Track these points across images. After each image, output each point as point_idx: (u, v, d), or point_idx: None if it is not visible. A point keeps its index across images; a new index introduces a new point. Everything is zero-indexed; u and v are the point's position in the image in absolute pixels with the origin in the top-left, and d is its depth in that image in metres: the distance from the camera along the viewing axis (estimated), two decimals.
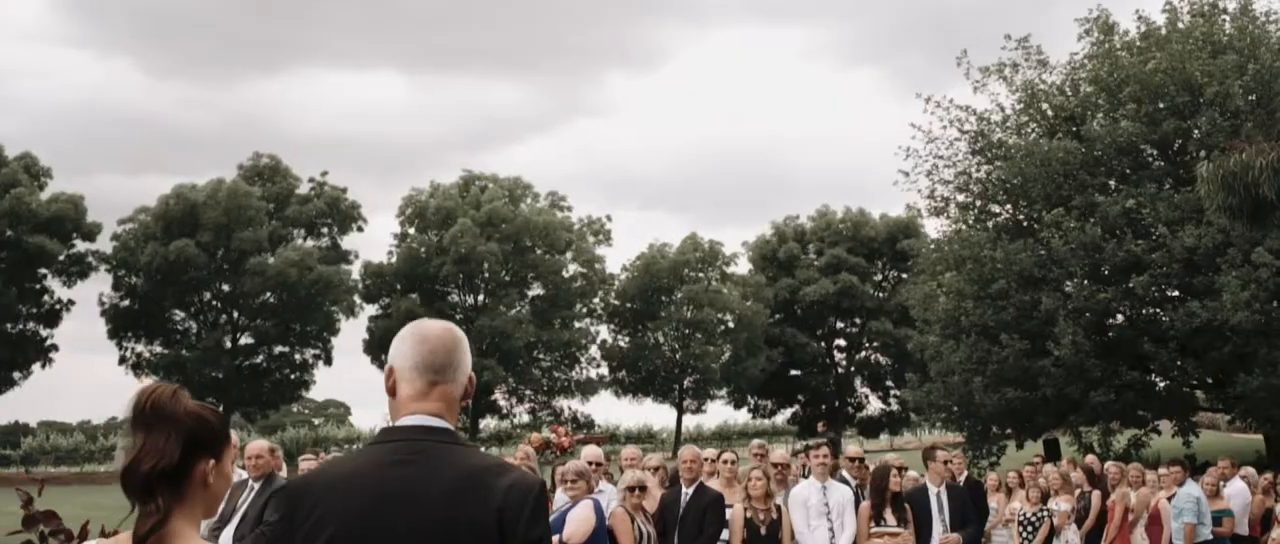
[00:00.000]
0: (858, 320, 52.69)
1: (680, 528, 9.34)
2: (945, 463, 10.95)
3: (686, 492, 9.58)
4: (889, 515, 10.23)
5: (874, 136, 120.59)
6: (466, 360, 2.91)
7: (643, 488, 9.30)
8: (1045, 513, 14.27)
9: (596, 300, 51.76)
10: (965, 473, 13.75)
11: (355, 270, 49.48)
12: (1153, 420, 26.04)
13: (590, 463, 9.67)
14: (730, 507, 9.77)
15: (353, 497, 2.69)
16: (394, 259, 49.72)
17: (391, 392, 2.86)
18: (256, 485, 9.39)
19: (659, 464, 11.00)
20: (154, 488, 2.47)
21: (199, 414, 2.55)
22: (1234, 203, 12.03)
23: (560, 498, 8.68)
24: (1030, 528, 13.97)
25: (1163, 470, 15.01)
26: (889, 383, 53.94)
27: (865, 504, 10.30)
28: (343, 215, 49.10)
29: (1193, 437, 25.50)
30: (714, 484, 9.96)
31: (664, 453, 11.67)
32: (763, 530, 9.74)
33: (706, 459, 10.34)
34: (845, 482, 10.76)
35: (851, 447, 12.15)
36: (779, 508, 10.02)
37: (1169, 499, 14.43)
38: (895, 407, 53.94)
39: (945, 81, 79.26)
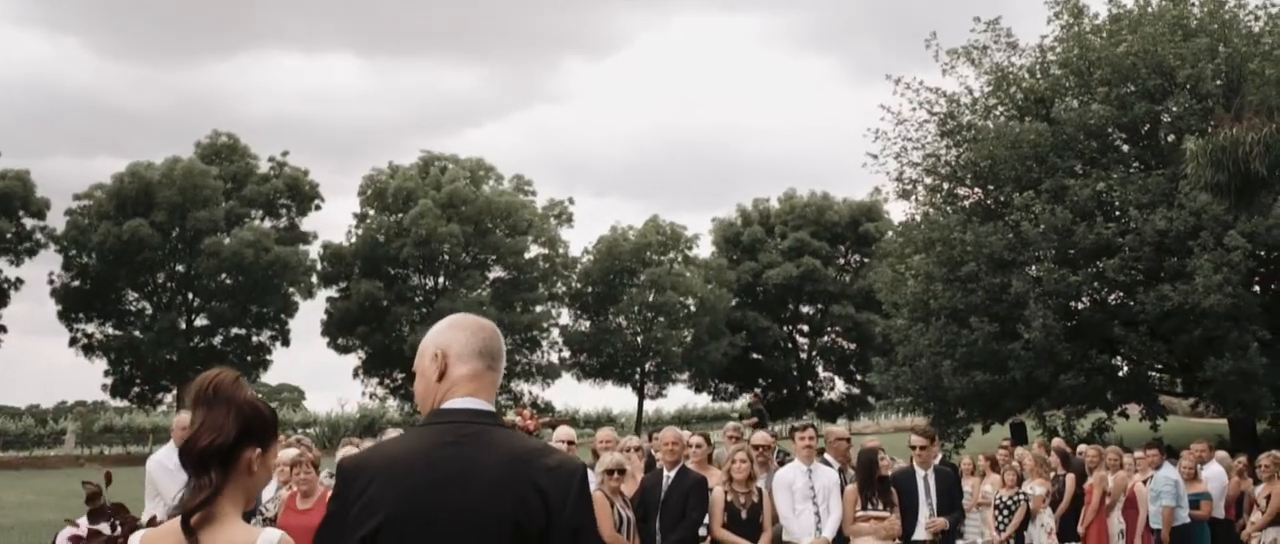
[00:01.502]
0: (820, 304, 52.54)
1: (662, 512, 9.01)
2: (922, 448, 10.67)
3: (668, 475, 9.25)
4: (876, 498, 9.94)
5: (832, 123, 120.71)
6: (503, 350, 3.06)
7: (621, 471, 8.99)
8: (1021, 496, 14.11)
9: (558, 284, 51.34)
10: (938, 457, 13.55)
11: (313, 251, 48.77)
12: (1120, 404, 25.99)
13: (564, 443, 9.33)
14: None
15: (405, 477, 2.78)
16: (353, 241, 49.04)
17: (439, 376, 2.94)
18: None
19: (638, 445, 10.65)
20: (208, 463, 2.66)
21: (254, 403, 2.74)
22: (1222, 180, 11.84)
23: None
24: (1005, 512, 13.80)
25: (1139, 454, 14.89)
26: (851, 367, 53.97)
27: (851, 487, 10.01)
28: (303, 196, 48.34)
29: (1161, 420, 25.52)
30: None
31: (641, 435, 11.32)
32: (744, 514, 9.43)
33: (694, 443, 10.01)
34: (828, 464, 10.46)
35: (837, 427, 11.81)
36: (760, 491, 9.71)
37: (1145, 482, 14.33)
38: (856, 390, 54.06)
39: (905, 68, 79.46)
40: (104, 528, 3.20)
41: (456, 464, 2.78)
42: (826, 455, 10.60)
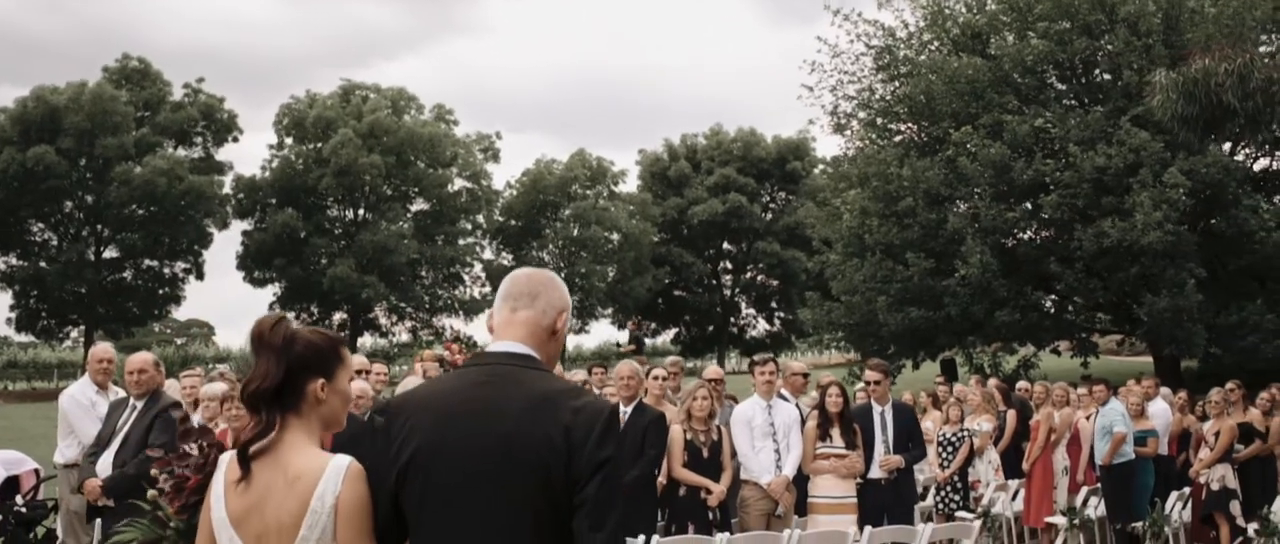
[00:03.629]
0: (745, 241, 52.38)
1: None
2: (876, 383, 10.34)
3: (625, 411, 8.78)
4: (837, 435, 9.58)
5: (757, 62, 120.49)
6: (553, 293, 3.11)
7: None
8: (964, 433, 13.92)
9: (481, 217, 50.54)
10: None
11: (228, 183, 47.24)
12: (1053, 341, 26.09)
13: None
14: None
15: (438, 414, 2.93)
16: (269, 172, 47.67)
17: (491, 329, 3.12)
18: (139, 404, 8.24)
19: (583, 381, 10.17)
20: (258, 404, 2.88)
21: (306, 339, 2.93)
22: (1193, 112, 11.60)
23: None
24: (949, 448, 13.58)
25: (1082, 390, 14.77)
26: (774, 304, 54.02)
27: (811, 424, 9.63)
28: (219, 125, 46.67)
29: (1093, 357, 25.66)
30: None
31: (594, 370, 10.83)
32: (705, 453, 9.03)
33: (659, 376, 9.55)
34: (786, 399, 10.06)
35: (796, 362, 11.42)
36: (720, 429, 9.30)
37: (1088, 418, 14.22)
38: (778, 328, 54.18)
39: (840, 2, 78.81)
40: (192, 449, 3.26)
41: (486, 402, 2.91)
42: (782, 390, 10.19)
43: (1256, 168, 24.02)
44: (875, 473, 9.96)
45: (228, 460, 2.95)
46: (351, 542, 2.83)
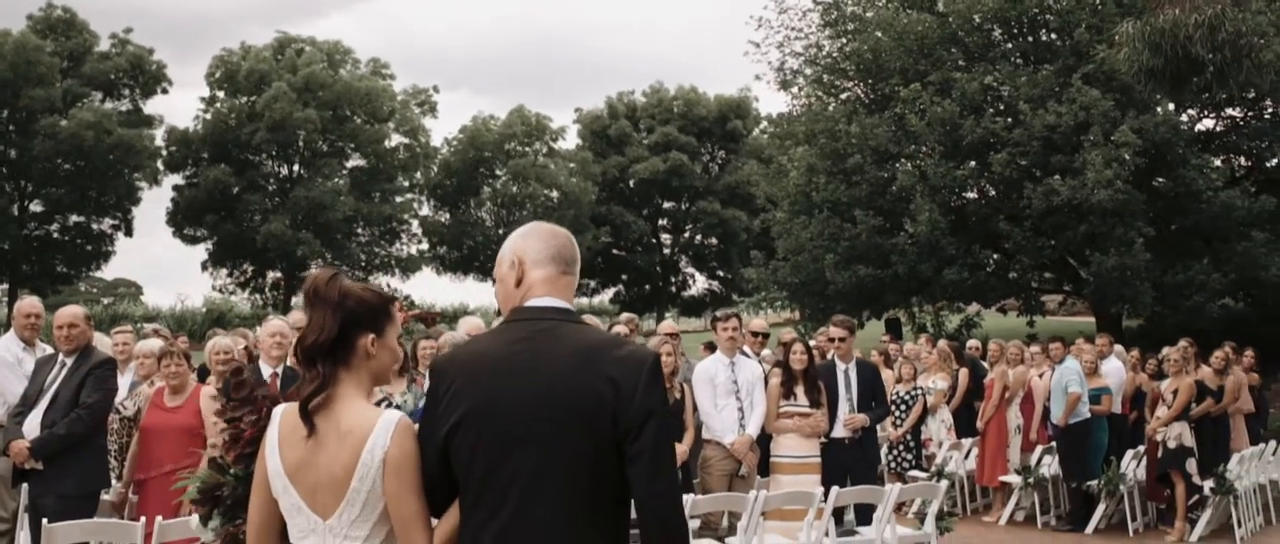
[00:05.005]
0: (685, 200, 52.12)
1: None
2: (841, 340, 10.07)
3: None
4: (801, 393, 9.30)
5: (692, 19, 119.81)
6: (579, 264, 3.20)
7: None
8: (917, 391, 13.80)
9: (418, 174, 49.76)
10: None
11: (159, 136, 45.97)
12: (1001, 300, 26.09)
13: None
14: None
15: (484, 372, 2.95)
16: (201, 126, 46.48)
17: (517, 282, 3.10)
18: (68, 361, 7.74)
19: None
20: (314, 358, 2.93)
21: (358, 294, 2.99)
22: (1158, 65, 11.41)
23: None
24: (902, 407, 13.45)
25: (1035, 349, 14.67)
26: (714, 263, 53.92)
27: (774, 382, 9.34)
28: (147, 77, 45.27)
29: (1039, 316, 25.70)
30: None
31: None
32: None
33: (620, 332, 9.19)
34: (748, 356, 9.75)
35: (757, 320, 11.11)
36: (683, 387, 8.99)
37: (1040, 376, 14.13)
38: (718, 287, 54.13)
39: None
40: (248, 402, 3.32)
41: (531, 356, 2.93)
42: (745, 348, 9.88)
43: (1200, 128, 24.09)
44: (839, 432, 9.72)
45: (282, 412, 3.02)
46: (400, 495, 2.89)
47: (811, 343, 10.55)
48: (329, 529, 2.91)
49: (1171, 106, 21.83)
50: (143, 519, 6.52)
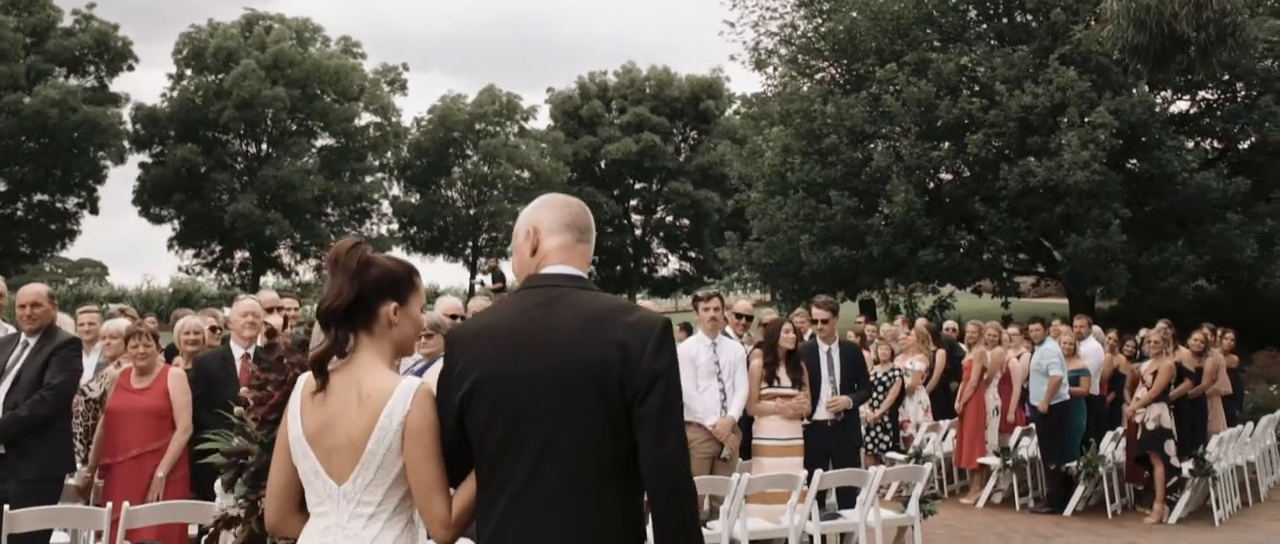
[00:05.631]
0: (657, 181, 51.95)
1: None
2: (825, 322, 9.93)
3: None
4: (784, 375, 9.16)
5: (659, 1, 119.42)
6: (594, 234, 3.24)
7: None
8: (895, 372, 13.71)
9: (389, 154, 49.35)
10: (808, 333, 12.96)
11: (125, 114, 45.31)
12: (976, 281, 26.04)
13: (451, 315, 8.30)
14: None
15: (495, 340, 3.00)
16: (168, 104, 45.86)
17: (532, 251, 3.14)
18: (31, 340, 7.47)
19: (460, 312, 9.53)
20: (329, 322, 3.02)
21: (381, 264, 3.10)
22: (1143, 41, 11.30)
23: (413, 358, 7.21)
24: (880, 388, 13.36)
25: (1012, 330, 14.60)
26: (685, 244, 53.82)
27: (756, 362, 9.19)
28: (113, 53, 44.61)
29: (1013, 297, 25.66)
30: None
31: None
32: None
33: None
34: (729, 337, 9.59)
35: (740, 301, 10.93)
36: None
37: (1018, 358, 14.07)
38: (689, 268, 54.03)
39: None
40: (276, 368, 3.35)
41: (542, 322, 2.96)
42: (727, 329, 9.71)
43: (1174, 110, 24.06)
44: (821, 414, 9.58)
45: (305, 379, 3.09)
46: (420, 460, 2.93)
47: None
48: (343, 495, 2.96)
49: (1146, 88, 21.76)
50: (109, 505, 6.30)
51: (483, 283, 44.19)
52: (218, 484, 3.47)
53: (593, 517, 2.88)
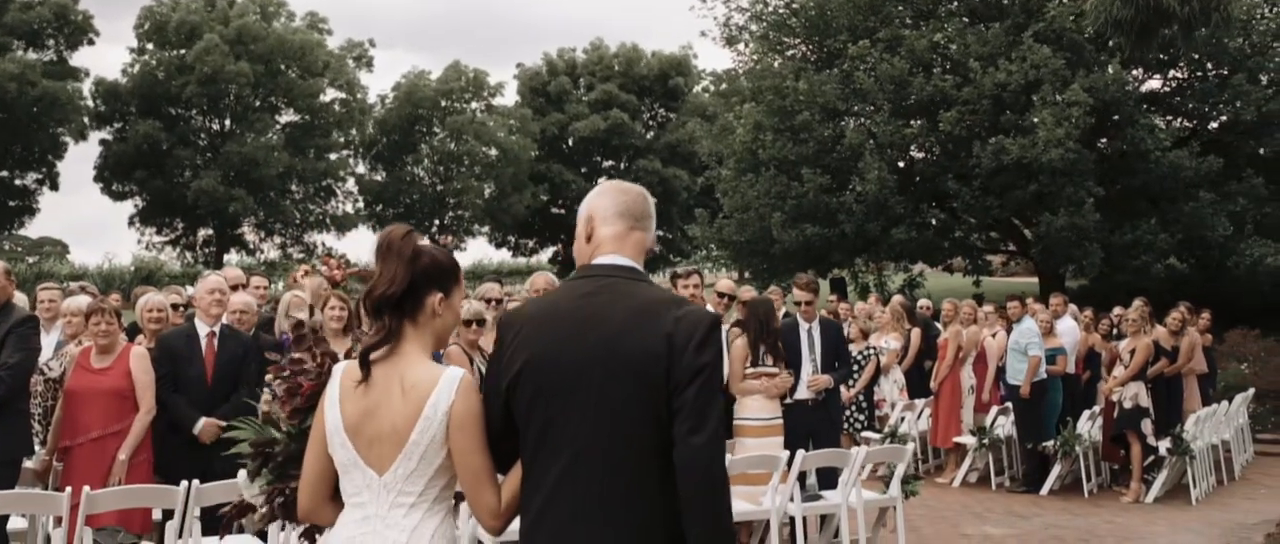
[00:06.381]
0: (625, 159, 51.70)
1: None
2: (807, 303, 9.75)
3: None
4: (765, 355, 8.98)
5: None
6: (654, 216, 3.22)
7: (481, 322, 7.88)
8: (870, 351, 13.56)
9: (354, 131, 48.84)
10: (784, 310, 12.79)
11: (86, 89, 44.57)
12: (948, 260, 26.00)
13: (489, 299, 8.26)
14: None
15: (547, 325, 3.02)
16: (130, 79, 45.15)
17: (587, 238, 3.16)
18: None
19: (499, 296, 9.32)
20: (382, 309, 3.01)
21: (431, 252, 3.08)
22: (1127, 16, 11.17)
23: None
24: (855, 366, 13.19)
25: (989, 308, 14.49)
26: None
27: (740, 341, 9.01)
28: (73, 27, 43.82)
29: (985, 276, 25.63)
30: None
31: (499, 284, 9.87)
32: None
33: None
34: None
35: (722, 280, 10.72)
36: None
37: (993, 336, 13.97)
38: (658, 247, 53.85)
39: None
40: (306, 357, 3.27)
41: (591, 311, 2.97)
42: (708, 307, 9.50)
43: (1146, 89, 24.08)
44: (802, 393, 9.41)
45: (343, 368, 3.08)
46: (466, 450, 2.93)
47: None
48: (383, 486, 2.94)
49: (1120, 65, 21.72)
50: (68, 489, 6.04)
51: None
52: (242, 474, 3.40)
53: (635, 513, 2.86)
